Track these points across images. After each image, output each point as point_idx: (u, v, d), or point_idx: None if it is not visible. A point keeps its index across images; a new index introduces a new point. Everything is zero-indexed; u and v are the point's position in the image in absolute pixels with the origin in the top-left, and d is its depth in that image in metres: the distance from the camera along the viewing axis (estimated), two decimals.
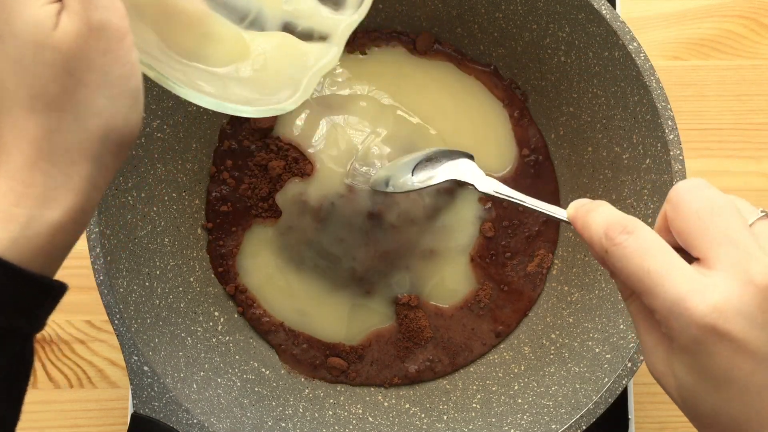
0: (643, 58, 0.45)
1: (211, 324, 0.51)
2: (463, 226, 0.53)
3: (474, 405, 0.50)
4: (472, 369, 0.53)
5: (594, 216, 0.29)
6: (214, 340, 0.50)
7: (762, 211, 0.27)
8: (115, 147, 0.28)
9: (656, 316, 0.26)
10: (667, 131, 0.44)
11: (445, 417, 0.50)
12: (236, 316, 0.53)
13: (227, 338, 0.51)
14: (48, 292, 0.28)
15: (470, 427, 0.48)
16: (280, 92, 0.35)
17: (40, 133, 0.27)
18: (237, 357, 0.51)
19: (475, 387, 0.51)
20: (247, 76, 0.35)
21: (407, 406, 0.51)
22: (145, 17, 0.33)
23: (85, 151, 0.27)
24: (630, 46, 0.45)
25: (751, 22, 0.60)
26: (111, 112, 0.28)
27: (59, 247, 0.28)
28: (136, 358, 0.43)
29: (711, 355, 0.24)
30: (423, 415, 0.50)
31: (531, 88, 0.54)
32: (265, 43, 0.36)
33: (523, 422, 0.46)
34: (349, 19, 0.37)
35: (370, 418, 0.50)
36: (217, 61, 0.35)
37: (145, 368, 0.43)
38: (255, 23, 0.36)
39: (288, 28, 0.37)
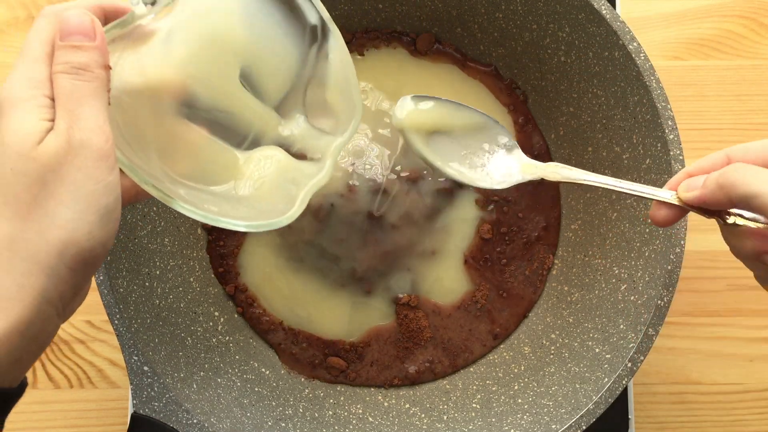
0: (643, 58, 0.45)
1: (211, 324, 0.51)
2: (462, 227, 0.53)
3: (474, 405, 0.50)
4: (472, 369, 0.53)
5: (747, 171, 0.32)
6: (214, 340, 0.50)
7: None
8: (74, 262, 0.28)
9: None
10: (667, 131, 0.44)
11: (445, 417, 0.50)
12: (236, 316, 0.53)
13: (227, 338, 0.51)
14: None
15: (470, 427, 0.48)
16: (276, 207, 0.37)
17: (2, 241, 0.27)
18: (237, 357, 0.51)
19: (475, 387, 0.51)
20: (244, 194, 0.37)
21: (407, 406, 0.51)
22: (149, 147, 0.35)
23: (42, 262, 0.27)
24: (630, 46, 0.45)
25: (751, 22, 0.60)
26: (74, 226, 0.28)
27: (5, 358, 0.27)
28: (136, 358, 0.43)
29: None
30: (423, 415, 0.50)
31: (531, 88, 0.54)
32: (261, 163, 0.39)
33: (523, 422, 0.46)
34: (340, 139, 0.40)
35: (370, 418, 0.50)
36: (215, 182, 0.37)
37: (145, 368, 0.43)
38: (252, 145, 0.39)
39: (283, 147, 0.40)
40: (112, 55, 0.34)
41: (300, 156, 0.40)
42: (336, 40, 0.39)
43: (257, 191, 0.38)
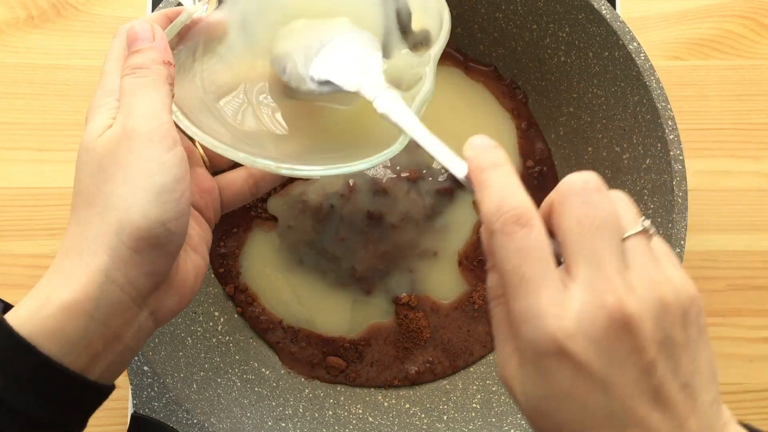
0: (643, 58, 0.45)
1: (211, 324, 0.51)
2: (461, 228, 0.53)
3: (474, 405, 0.50)
4: (472, 369, 0.53)
5: (495, 177, 0.27)
6: (214, 340, 0.50)
7: (642, 225, 0.27)
8: (132, 241, 0.29)
9: (511, 321, 0.26)
10: (667, 131, 0.44)
11: (445, 417, 0.50)
12: (236, 316, 0.53)
13: (227, 338, 0.51)
14: (57, 376, 0.28)
15: (470, 427, 0.48)
16: (387, 138, 0.36)
17: (76, 227, 0.30)
18: (237, 357, 0.51)
19: (475, 387, 0.51)
20: (357, 139, 0.37)
21: (407, 406, 0.51)
22: (261, 137, 0.36)
23: (103, 243, 0.29)
24: (630, 46, 0.45)
25: (751, 22, 0.60)
26: (128, 205, 0.29)
27: (68, 333, 0.28)
28: (136, 358, 0.43)
29: (554, 372, 0.25)
30: (423, 415, 0.50)
31: (531, 88, 0.54)
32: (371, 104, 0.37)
33: (523, 422, 0.46)
34: (435, 47, 0.38)
35: (370, 418, 0.50)
36: (332, 139, 0.38)
37: (145, 368, 0.43)
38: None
39: (393, 84, 0.38)
40: (194, 62, 0.35)
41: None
42: None
43: (369, 131, 0.37)
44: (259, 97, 0.38)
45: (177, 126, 0.33)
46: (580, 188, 0.26)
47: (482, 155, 0.28)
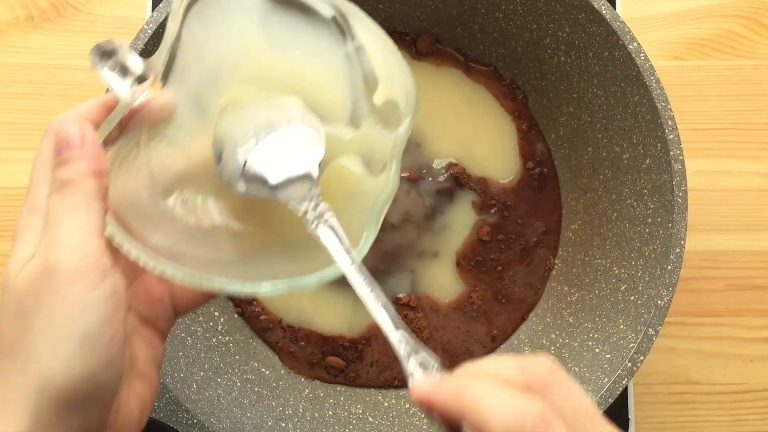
0: (643, 58, 0.45)
1: (210, 324, 0.51)
2: (461, 228, 0.53)
3: None
4: None
5: (486, 390, 0.24)
6: (213, 340, 0.50)
7: None
8: (56, 403, 0.25)
9: None
10: (667, 131, 0.44)
11: None
12: (236, 316, 0.53)
13: (227, 338, 0.51)
14: None
15: None
16: (353, 238, 0.31)
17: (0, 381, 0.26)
18: (237, 357, 0.51)
19: None
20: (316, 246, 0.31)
21: (407, 406, 0.51)
22: (218, 235, 0.32)
23: (24, 402, 0.25)
24: (630, 46, 0.45)
25: (751, 22, 0.60)
26: (50, 360, 0.25)
27: None
28: None
29: None
30: (423, 415, 0.50)
31: (531, 88, 0.54)
32: (331, 187, 0.33)
33: None
34: (400, 129, 0.33)
35: (370, 418, 0.50)
36: (299, 239, 0.33)
37: None
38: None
39: (364, 161, 0.35)
40: (138, 151, 0.31)
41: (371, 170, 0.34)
42: (358, 21, 0.33)
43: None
44: (214, 184, 0.33)
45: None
46: (556, 376, 0.25)
47: (448, 381, 0.25)
